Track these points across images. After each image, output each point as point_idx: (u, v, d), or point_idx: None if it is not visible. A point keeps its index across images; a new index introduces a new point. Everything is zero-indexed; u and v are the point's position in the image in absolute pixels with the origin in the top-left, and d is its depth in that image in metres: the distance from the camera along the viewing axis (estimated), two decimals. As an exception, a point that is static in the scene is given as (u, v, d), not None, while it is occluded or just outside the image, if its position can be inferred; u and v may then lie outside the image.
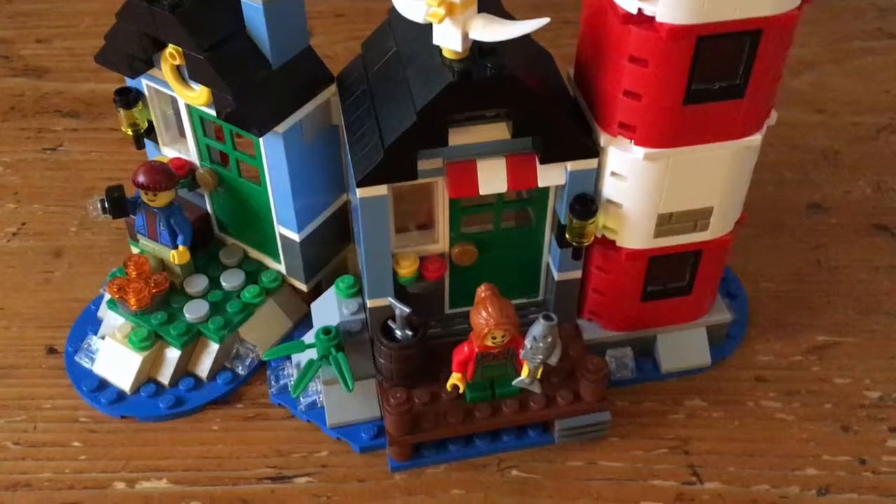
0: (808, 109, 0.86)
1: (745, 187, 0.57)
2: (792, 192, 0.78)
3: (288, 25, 0.55)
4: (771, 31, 0.47)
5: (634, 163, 0.53)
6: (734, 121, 0.51)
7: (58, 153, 0.81)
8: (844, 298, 0.69)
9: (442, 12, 0.47)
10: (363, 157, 0.52)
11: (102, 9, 0.98)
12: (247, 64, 0.55)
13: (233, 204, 0.65)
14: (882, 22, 0.96)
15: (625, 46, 0.49)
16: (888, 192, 0.77)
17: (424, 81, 0.50)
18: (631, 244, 0.57)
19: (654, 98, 0.49)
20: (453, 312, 0.62)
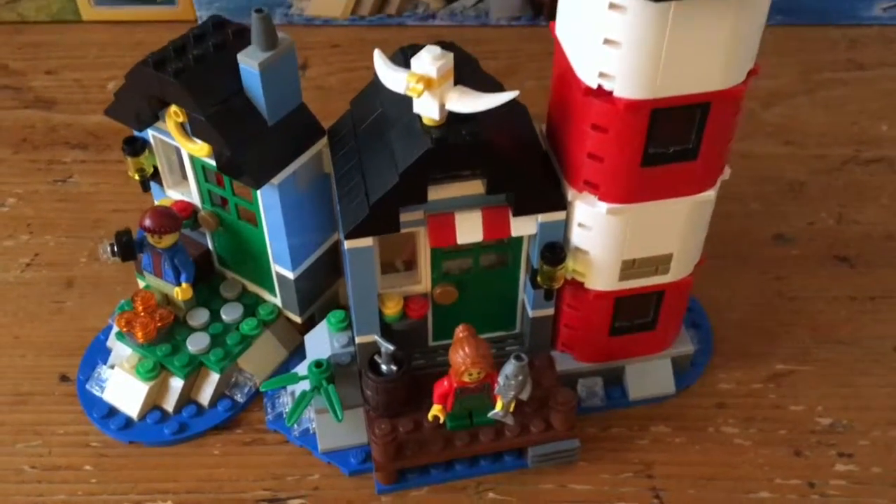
0: (778, 141, 0.90)
1: (703, 234, 0.62)
2: (758, 223, 0.83)
3: (282, 87, 0.60)
4: (719, 103, 0.52)
5: (599, 216, 0.57)
6: (689, 179, 0.56)
7: (67, 185, 0.86)
8: (803, 328, 0.74)
9: (421, 87, 0.51)
10: (350, 211, 0.57)
11: (109, 40, 1.02)
12: (245, 122, 0.60)
13: (232, 243, 0.70)
14: (853, 53, 1.01)
15: (587, 115, 0.53)
16: (849, 224, 0.82)
17: (406, 145, 0.55)
18: (598, 286, 0.62)
19: (614, 161, 0.54)
20: (436, 345, 0.67)
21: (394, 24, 1.04)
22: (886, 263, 0.79)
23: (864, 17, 1.01)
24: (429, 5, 1.02)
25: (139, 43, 1.03)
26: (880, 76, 0.97)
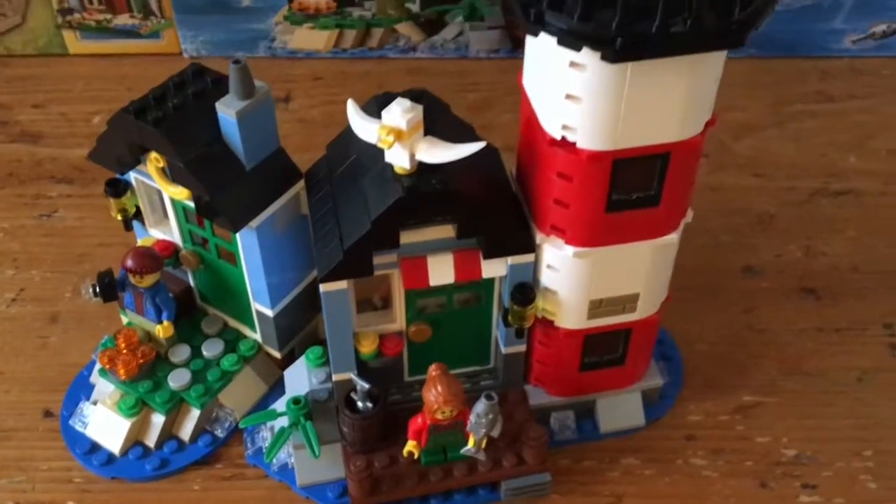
0: (748, 174, 0.93)
1: (668, 274, 0.64)
2: (728, 255, 0.85)
3: (259, 133, 0.62)
4: (678, 153, 0.54)
5: (566, 258, 0.59)
6: (652, 224, 0.58)
7: (53, 219, 0.88)
8: (770, 360, 0.76)
9: (391, 139, 0.53)
10: (325, 255, 0.59)
11: (95, 73, 1.04)
12: (223, 167, 0.61)
13: (213, 280, 0.71)
14: (823, 84, 1.03)
15: (552, 164, 0.55)
16: (816, 256, 0.84)
17: (378, 193, 0.56)
18: (567, 325, 0.64)
19: (579, 207, 0.56)
20: (412, 380, 0.69)
21: (375, 56, 1.06)
22: (852, 295, 0.81)
23: (834, 49, 1.04)
24: (409, 38, 1.04)
25: (125, 76, 1.05)
26: (849, 108, 1.00)
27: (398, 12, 1.02)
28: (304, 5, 1.01)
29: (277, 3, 1.01)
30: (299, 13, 1.02)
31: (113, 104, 1.03)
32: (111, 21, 1.02)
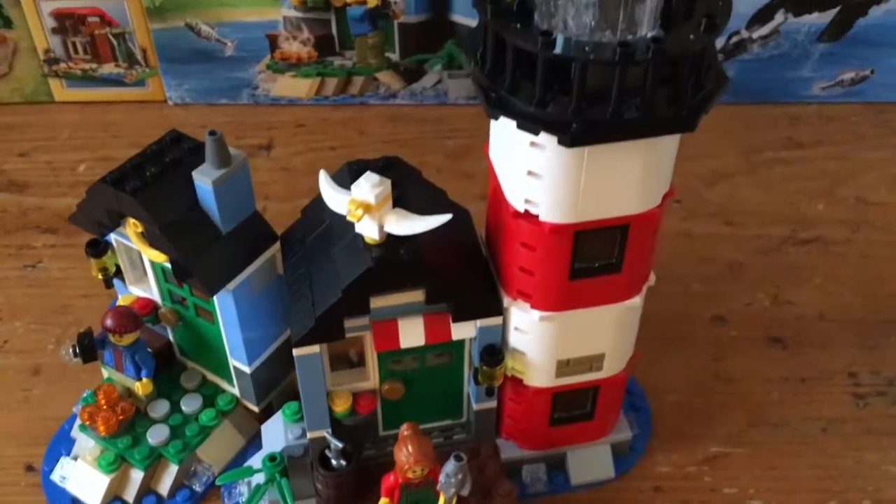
0: (719, 222, 0.95)
1: (633, 334, 0.66)
2: (699, 304, 0.87)
3: (235, 199, 0.64)
4: (637, 224, 0.56)
5: (532, 322, 0.61)
6: (615, 289, 0.60)
7: (37, 270, 0.89)
8: (737, 410, 0.78)
9: (360, 213, 0.55)
10: (298, 320, 0.60)
11: (80, 121, 1.06)
12: (199, 232, 0.63)
13: (191, 336, 0.73)
14: (793, 131, 1.06)
15: (517, 234, 0.57)
16: (784, 305, 0.86)
17: (349, 262, 0.58)
18: (536, 383, 0.66)
19: (543, 275, 0.58)
20: (386, 434, 0.70)
21: (356, 103, 1.08)
22: (818, 344, 0.83)
23: (803, 95, 1.07)
24: (390, 86, 1.06)
25: (110, 123, 1.06)
26: (818, 155, 1.02)
27: (378, 61, 1.04)
28: (286, 55, 1.03)
29: (260, 53, 1.03)
30: (281, 62, 1.04)
31: (98, 152, 1.07)
32: (97, 70, 1.04)
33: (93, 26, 1.00)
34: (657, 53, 0.45)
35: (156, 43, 1.02)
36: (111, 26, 1.01)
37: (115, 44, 1.02)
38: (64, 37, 1.01)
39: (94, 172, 1.00)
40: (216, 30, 1.01)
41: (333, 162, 1.03)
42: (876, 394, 0.79)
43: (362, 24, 1.01)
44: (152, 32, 1.01)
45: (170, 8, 0.99)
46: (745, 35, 1.02)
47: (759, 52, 1.03)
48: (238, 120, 1.07)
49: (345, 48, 1.03)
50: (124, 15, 1.00)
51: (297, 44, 1.03)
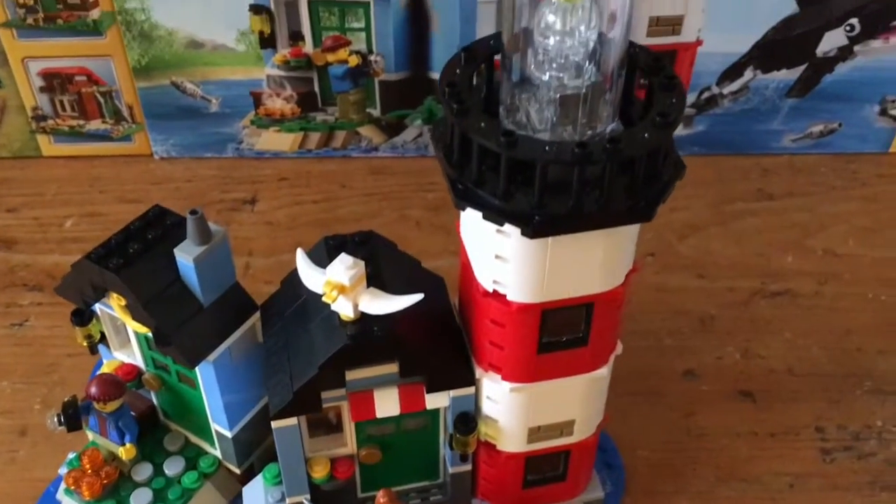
0: (691, 275, 0.97)
1: (602, 401, 0.68)
2: (670, 358, 0.89)
3: (216, 273, 0.66)
4: (602, 302, 0.59)
5: (503, 392, 0.63)
6: (582, 361, 0.62)
7: (24, 328, 0.91)
8: (707, 466, 0.80)
9: (335, 295, 0.58)
10: (276, 393, 0.62)
11: (68, 175, 1.08)
12: (181, 306, 0.65)
13: (174, 400, 0.75)
14: (764, 182, 1.08)
15: (486, 311, 0.60)
16: (754, 359, 0.89)
17: (324, 338, 0.60)
18: (509, 448, 0.68)
19: (512, 349, 0.61)
20: (365, 496, 0.72)
21: (339, 155, 1.11)
22: (787, 398, 0.85)
23: (774, 147, 1.10)
24: (371, 139, 1.09)
25: (97, 178, 1.09)
26: (787, 206, 1.05)
27: (360, 116, 1.06)
28: (269, 111, 1.06)
29: (244, 109, 1.06)
30: (266, 118, 1.06)
31: (85, 207, 1.09)
32: (84, 126, 1.06)
33: (80, 85, 1.03)
34: (613, 154, 0.48)
35: (142, 100, 1.04)
36: (98, 85, 1.03)
37: (102, 101, 1.04)
38: (51, 95, 1.04)
39: (80, 228, 1.02)
40: (201, 87, 1.04)
41: (316, 216, 1.07)
42: (842, 448, 0.81)
43: (344, 81, 1.04)
44: (138, 90, 1.03)
45: (155, 67, 1.02)
46: (715, 91, 1.05)
47: (730, 106, 1.06)
48: (223, 174, 1.10)
49: (327, 104, 1.06)
50: (111, 74, 1.02)
51: (281, 101, 1.05)
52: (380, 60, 1.02)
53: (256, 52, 1.00)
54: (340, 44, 1.00)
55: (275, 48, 1.00)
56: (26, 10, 0.96)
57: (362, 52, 1.01)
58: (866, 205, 1.05)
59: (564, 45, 0.50)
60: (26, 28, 0.98)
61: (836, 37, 1.00)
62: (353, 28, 0.99)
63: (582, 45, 0.50)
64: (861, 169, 1.10)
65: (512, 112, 0.54)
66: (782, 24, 0.98)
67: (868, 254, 0.99)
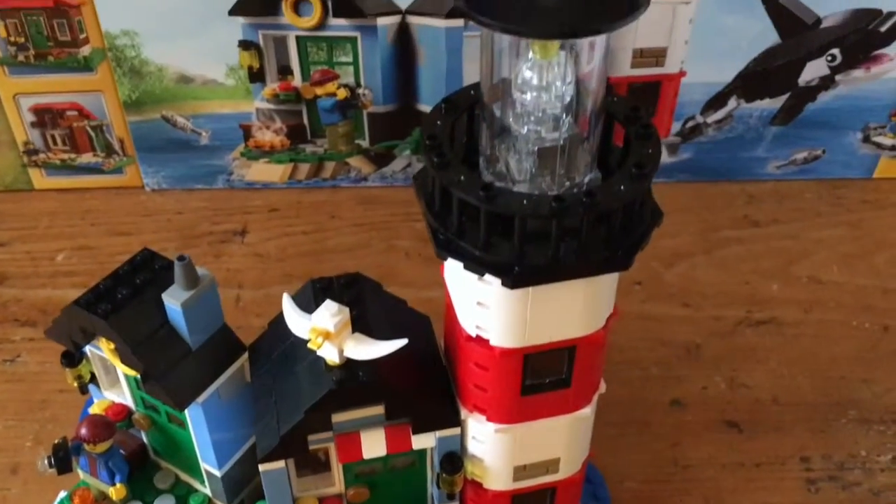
0: (677, 303, 0.98)
1: (587, 438, 0.69)
2: (656, 388, 0.90)
3: (204, 316, 0.67)
4: (584, 345, 0.60)
5: (489, 433, 0.64)
6: (566, 402, 0.63)
7: (16, 364, 0.91)
8: (693, 497, 0.81)
9: (321, 341, 0.58)
10: (263, 436, 0.63)
11: (59, 208, 1.09)
12: (169, 350, 0.66)
13: (164, 439, 0.75)
14: (749, 209, 1.10)
15: (470, 355, 0.60)
16: (739, 388, 0.90)
17: (310, 383, 0.61)
18: (495, 487, 0.68)
19: (496, 392, 0.61)
20: (354, 534, 0.73)
21: (328, 186, 1.12)
22: (772, 428, 0.86)
23: (759, 173, 1.11)
24: (361, 170, 1.10)
25: (89, 210, 1.09)
26: (773, 233, 1.07)
27: (349, 148, 1.07)
28: (259, 143, 1.07)
29: (234, 142, 1.07)
30: (255, 150, 1.07)
31: (77, 240, 1.10)
32: (75, 160, 1.07)
33: (71, 119, 1.04)
34: (589, 207, 0.49)
35: (133, 134, 1.05)
36: (89, 119, 1.04)
37: (93, 135, 1.05)
38: (43, 130, 1.04)
39: (72, 262, 1.03)
40: (191, 121, 1.05)
41: (306, 247, 1.08)
42: (827, 478, 0.82)
43: (333, 114, 1.05)
44: (129, 124, 1.04)
45: (146, 101, 1.03)
46: (700, 119, 1.06)
47: (715, 134, 1.08)
48: (214, 205, 1.11)
49: (316, 136, 1.07)
50: (102, 108, 1.03)
51: (270, 133, 1.06)
52: (368, 93, 1.03)
53: (246, 86, 1.02)
54: (329, 77, 1.02)
55: (264, 82, 1.01)
56: (17, 48, 0.97)
57: (350, 86, 1.02)
58: (851, 231, 1.06)
59: (541, 99, 0.51)
60: (17, 65, 0.99)
61: (818, 66, 1.01)
62: (341, 62, 1.00)
63: (558, 100, 0.51)
64: (846, 195, 1.11)
65: (492, 162, 0.55)
66: (764, 54, 1.00)
67: (851, 281, 1.00)
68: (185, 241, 1.05)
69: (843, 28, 0.99)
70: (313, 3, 0.96)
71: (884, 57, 1.01)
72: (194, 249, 1.04)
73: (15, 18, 0.95)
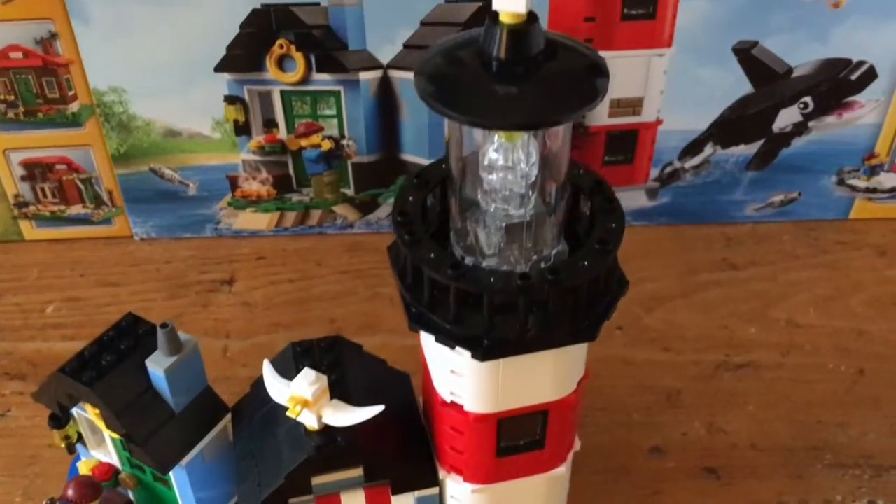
0: (658, 348, 1.00)
1: (564, 495, 0.70)
2: (637, 435, 0.91)
3: (187, 380, 0.68)
4: (556, 409, 0.61)
5: (466, 492, 0.66)
6: (540, 462, 0.65)
7: (6, 419, 0.93)
8: (672, 547, 0.82)
9: (299, 409, 0.60)
10: (245, 499, 0.65)
11: (50, 259, 1.10)
12: (153, 414, 0.68)
13: (150, 498, 0.77)
14: (728, 252, 1.12)
15: (446, 419, 0.62)
16: (718, 433, 0.91)
17: (290, 448, 0.63)
18: (474, 543, 0.70)
19: (472, 454, 0.63)
20: (337, 589, 0.74)
21: (315, 233, 1.14)
22: (749, 474, 0.87)
23: (737, 216, 1.13)
24: (346, 217, 1.12)
25: (78, 261, 1.11)
26: (751, 276, 1.08)
27: (334, 196, 1.09)
28: (246, 193, 1.09)
29: (222, 192, 1.08)
30: (242, 199, 1.09)
31: (66, 292, 1.11)
32: (65, 211, 1.09)
33: (60, 173, 1.06)
34: (554, 285, 0.51)
35: (121, 186, 1.07)
36: (78, 172, 1.06)
37: (83, 187, 1.07)
38: (33, 183, 1.06)
39: (61, 314, 1.04)
40: (179, 173, 1.07)
41: (292, 296, 1.09)
42: (803, 524, 0.84)
43: (318, 164, 1.07)
44: (118, 176, 1.06)
45: (134, 155, 1.04)
46: (678, 165, 1.08)
47: (693, 179, 1.10)
48: (201, 254, 1.12)
49: (302, 186, 1.09)
50: (90, 162, 1.05)
51: (257, 183, 1.08)
52: (352, 144, 1.05)
53: (232, 139, 1.04)
54: (313, 130, 1.04)
55: (250, 135, 1.03)
56: (7, 105, 0.99)
57: (335, 137, 1.04)
58: (827, 272, 1.08)
59: (507, 179, 0.53)
60: (8, 122, 1.01)
61: (791, 114, 1.04)
62: (325, 115, 1.02)
63: (524, 179, 0.53)
64: (822, 236, 1.13)
65: (462, 236, 0.56)
66: (738, 103, 1.02)
67: (828, 323, 1.02)
68: (174, 290, 1.06)
69: (815, 77, 1.01)
70: (297, 60, 0.98)
71: (855, 104, 1.04)
72: (183, 299, 1.05)
73: (5, 77, 0.97)
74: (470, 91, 0.48)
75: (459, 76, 0.49)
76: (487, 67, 0.48)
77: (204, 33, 0.96)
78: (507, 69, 0.47)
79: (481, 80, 0.48)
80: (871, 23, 0.97)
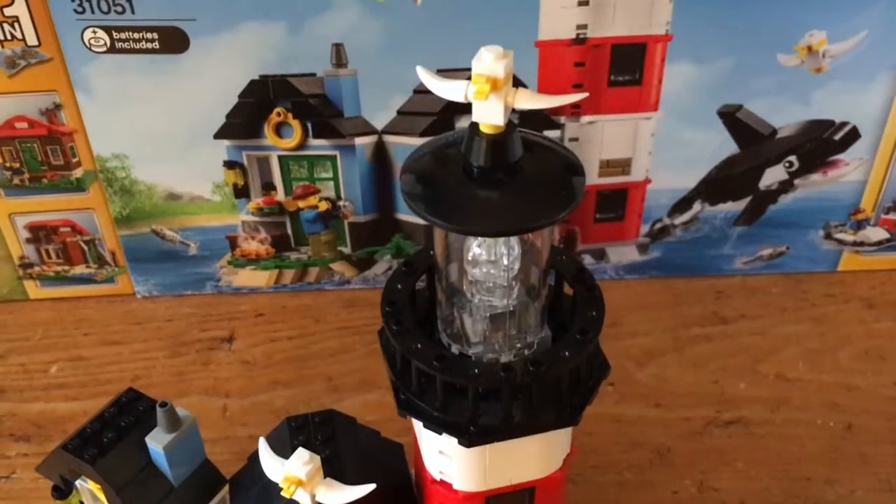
0: (649, 404, 1.02)
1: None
2: (629, 494, 0.93)
3: (186, 455, 0.71)
4: (543, 486, 0.63)
5: (457, 565, 0.68)
6: (529, 531, 0.67)
7: (11, 481, 0.94)
8: None
9: (293, 490, 0.62)
10: (243, 574, 0.66)
11: (54, 318, 1.13)
12: (152, 489, 0.70)
13: (151, 564, 0.79)
14: (718, 305, 1.14)
15: (436, 496, 0.64)
16: (708, 492, 0.93)
17: (284, 526, 0.65)
18: None
19: (462, 529, 0.65)
20: None
21: (313, 289, 1.16)
22: (739, 534, 0.89)
23: (727, 269, 1.15)
24: (343, 273, 1.14)
25: (82, 320, 1.13)
26: (740, 330, 1.10)
27: (332, 254, 1.12)
28: (245, 252, 1.11)
29: (221, 252, 1.11)
30: (242, 258, 1.12)
31: (70, 351, 1.14)
32: (69, 271, 1.11)
33: (64, 235, 1.08)
34: (536, 376, 0.53)
35: (124, 246, 1.10)
36: (81, 234, 1.09)
37: (86, 249, 1.10)
38: (37, 245, 1.09)
39: (65, 374, 1.06)
40: (180, 234, 1.09)
41: (291, 353, 1.12)
42: (793, 584, 0.85)
43: (315, 224, 1.09)
44: (120, 238, 1.09)
45: (136, 217, 1.07)
46: (667, 221, 1.10)
47: (682, 234, 1.12)
48: (202, 311, 1.14)
49: (300, 245, 1.11)
50: (94, 224, 1.08)
51: (256, 243, 1.11)
52: (348, 205, 1.07)
53: (231, 201, 1.06)
54: (310, 192, 1.06)
55: (248, 197, 1.06)
56: (13, 172, 1.02)
57: (331, 199, 1.07)
58: (815, 326, 1.10)
59: (491, 273, 0.55)
60: (13, 188, 1.04)
61: (777, 172, 1.06)
62: (322, 178, 1.05)
63: (506, 272, 0.55)
64: (811, 289, 1.15)
65: (448, 323, 0.59)
66: (725, 163, 1.05)
67: (816, 378, 1.04)
68: (175, 349, 1.08)
69: (799, 137, 1.04)
70: (294, 127, 1.01)
71: (839, 162, 1.06)
72: (184, 357, 1.07)
73: (10, 146, 1.00)
74: (452, 197, 0.50)
75: (443, 180, 0.52)
76: (469, 173, 0.50)
77: (204, 102, 0.99)
78: (487, 176, 0.50)
79: (462, 185, 0.50)
80: (853, 87, 0.99)
